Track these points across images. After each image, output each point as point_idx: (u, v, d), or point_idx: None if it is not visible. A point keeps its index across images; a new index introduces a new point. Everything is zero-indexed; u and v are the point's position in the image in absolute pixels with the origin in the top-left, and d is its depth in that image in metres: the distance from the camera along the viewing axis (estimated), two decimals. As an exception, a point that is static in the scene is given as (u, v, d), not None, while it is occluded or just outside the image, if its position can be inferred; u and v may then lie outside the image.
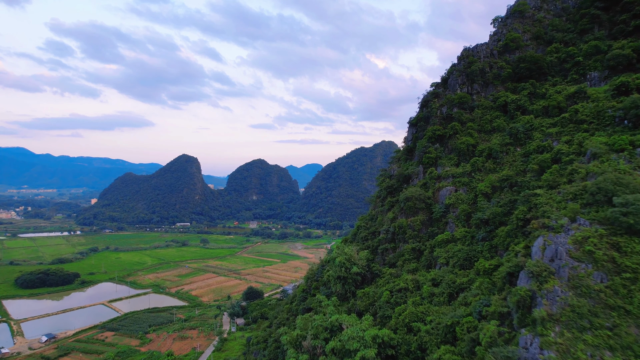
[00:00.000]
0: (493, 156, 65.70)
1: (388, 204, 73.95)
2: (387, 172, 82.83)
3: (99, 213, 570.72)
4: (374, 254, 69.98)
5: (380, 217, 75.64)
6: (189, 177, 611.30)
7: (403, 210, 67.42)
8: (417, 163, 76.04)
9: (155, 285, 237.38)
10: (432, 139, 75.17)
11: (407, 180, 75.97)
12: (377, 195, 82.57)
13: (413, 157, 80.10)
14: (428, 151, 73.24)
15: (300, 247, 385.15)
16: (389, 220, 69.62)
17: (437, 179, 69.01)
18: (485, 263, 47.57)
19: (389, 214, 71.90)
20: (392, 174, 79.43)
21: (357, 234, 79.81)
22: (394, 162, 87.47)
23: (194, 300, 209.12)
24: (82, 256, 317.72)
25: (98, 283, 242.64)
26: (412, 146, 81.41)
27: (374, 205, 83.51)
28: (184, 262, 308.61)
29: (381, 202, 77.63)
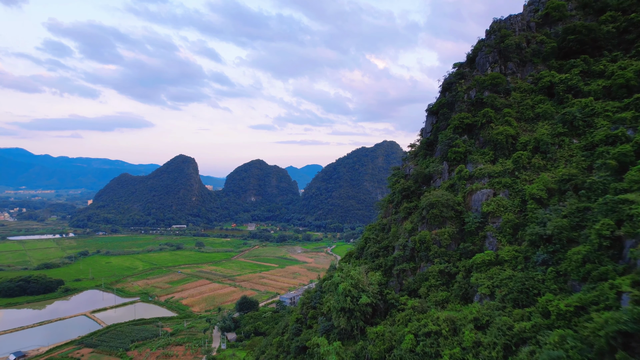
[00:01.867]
0: (542, 150, 50.82)
1: (404, 210, 59.11)
2: (401, 171, 68.11)
3: (93, 215, 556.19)
4: (387, 275, 55.17)
5: (394, 227, 60.76)
6: (185, 178, 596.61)
7: (425, 220, 52.61)
8: (440, 159, 61.23)
9: (144, 293, 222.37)
10: (458, 129, 60.33)
11: (428, 180, 61.18)
12: (388, 200, 67.82)
13: (434, 152, 65.31)
14: (455, 144, 58.40)
15: (300, 251, 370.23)
16: (407, 232, 54.79)
17: (469, 179, 54.18)
18: (557, 301, 32.63)
19: (405, 223, 57.10)
20: (408, 174, 64.63)
21: (364, 249, 64.84)
22: (409, 158, 72.56)
23: (184, 310, 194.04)
24: (70, 261, 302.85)
25: (83, 291, 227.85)
26: (432, 139, 66.66)
27: (385, 211, 68.71)
28: (177, 267, 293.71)
29: (394, 208, 62.96)
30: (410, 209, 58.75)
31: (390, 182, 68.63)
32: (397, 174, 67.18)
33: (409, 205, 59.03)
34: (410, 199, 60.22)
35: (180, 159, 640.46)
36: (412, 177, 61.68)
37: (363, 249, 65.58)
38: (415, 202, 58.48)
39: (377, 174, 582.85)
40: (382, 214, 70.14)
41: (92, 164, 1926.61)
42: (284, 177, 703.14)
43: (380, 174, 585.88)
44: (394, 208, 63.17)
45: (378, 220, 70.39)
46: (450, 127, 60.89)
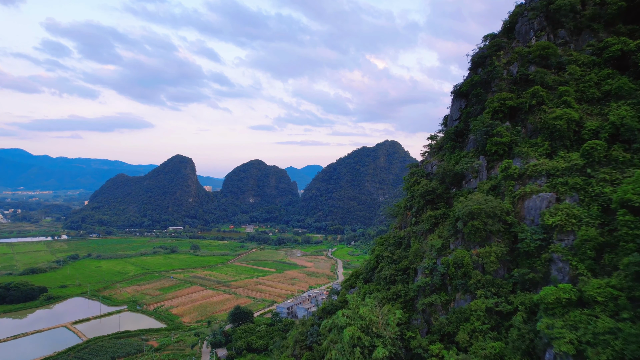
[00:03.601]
0: (623, 138, 36.95)
1: (429, 220, 45.43)
2: (421, 168, 54.33)
3: (87, 216, 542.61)
4: (407, 309, 41.45)
5: (416, 242, 47.01)
6: (182, 179, 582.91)
7: (461, 235, 38.94)
8: (475, 153, 47.58)
9: (132, 301, 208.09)
10: (498, 113, 46.57)
11: (459, 180, 47.52)
12: (404, 205, 54.00)
13: (465, 144, 51.59)
14: (495, 133, 44.51)
15: (299, 254, 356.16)
16: (434, 251, 41.00)
17: (518, 178, 40.52)
18: None
19: (431, 238, 43.43)
20: (430, 172, 50.86)
21: (376, 270, 50.85)
22: (430, 153, 58.57)
23: (173, 321, 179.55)
24: (58, 265, 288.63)
25: (68, 298, 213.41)
26: (461, 127, 52.83)
27: (401, 220, 54.87)
28: (170, 271, 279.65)
29: (414, 216, 49.26)
30: (437, 219, 45.03)
31: (406, 183, 54.89)
32: (416, 173, 53.34)
33: (434, 213, 45.31)
34: (436, 205, 46.55)
35: (177, 159, 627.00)
36: (438, 176, 47.92)
37: (374, 270, 51.67)
38: (443, 209, 44.80)
39: (378, 175, 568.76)
40: (397, 223, 56.20)
41: (91, 164, 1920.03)
42: (283, 178, 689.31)
43: (382, 174, 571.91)
44: (413, 216, 49.37)
45: (391, 231, 56.44)
46: (488, 112, 47.12)
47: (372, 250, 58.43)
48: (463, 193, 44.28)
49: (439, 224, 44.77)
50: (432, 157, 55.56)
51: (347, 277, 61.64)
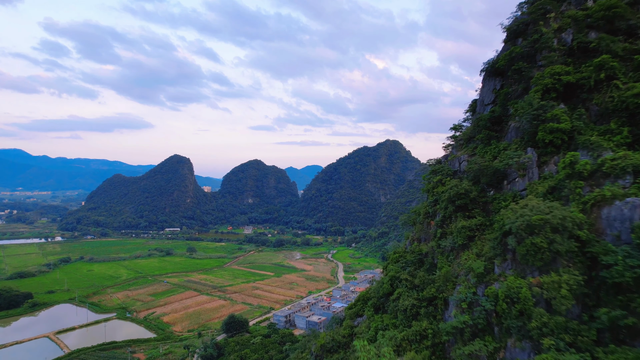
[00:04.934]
0: None
1: (461, 233, 34.70)
2: (444, 165, 43.67)
3: (83, 217, 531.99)
4: (438, 356, 30.71)
5: (444, 262, 36.24)
6: (180, 179, 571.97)
7: (510, 254, 28.14)
8: (521, 144, 36.90)
9: (122, 307, 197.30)
10: (550, 92, 35.81)
11: (499, 180, 36.93)
12: (425, 211, 43.17)
13: (504, 134, 40.85)
14: (550, 117, 33.75)
15: (298, 257, 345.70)
16: (474, 276, 30.27)
17: (588, 177, 29.72)
18: None
19: (466, 256, 32.72)
20: (458, 169, 40.25)
21: (391, 298, 39.80)
22: (457, 146, 47.61)
23: (164, 330, 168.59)
24: (48, 269, 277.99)
25: (54, 305, 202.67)
26: (498, 112, 42.06)
27: (420, 230, 44.00)
28: (164, 275, 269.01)
29: (439, 226, 38.53)
30: (473, 230, 34.22)
31: (427, 184, 44.01)
32: (440, 171, 42.48)
33: (468, 223, 34.59)
34: (470, 213, 35.72)
35: (175, 159, 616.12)
36: (469, 175, 37.14)
37: (388, 297, 40.76)
38: (479, 218, 34.13)
39: (379, 175, 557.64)
40: (415, 233, 45.33)
41: (90, 164, 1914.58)
42: (282, 178, 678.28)
43: (383, 174, 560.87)
44: (438, 226, 38.60)
45: (406, 243, 45.49)
46: (536, 91, 36.34)
47: (384, 268, 47.35)
48: (506, 197, 33.86)
49: (476, 237, 34.25)
50: (459, 151, 44.73)
51: (353, 302, 50.28)
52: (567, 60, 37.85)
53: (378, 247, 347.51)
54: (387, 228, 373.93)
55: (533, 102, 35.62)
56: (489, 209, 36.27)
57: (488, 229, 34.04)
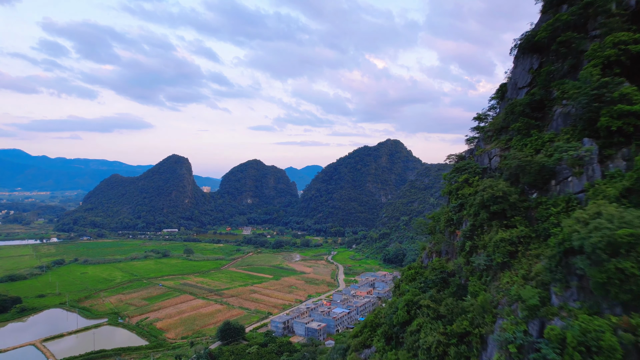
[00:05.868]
0: None
1: (501, 248, 27.15)
2: (470, 161, 36.32)
3: (80, 218, 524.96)
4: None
5: (479, 284, 28.63)
6: (178, 179, 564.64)
7: (577, 280, 20.68)
8: (572, 134, 29.52)
9: (114, 312, 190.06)
10: (613, 66, 28.47)
11: (545, 179, 29.45)
12: (446, 218, 35.67)
13: (548, 122, 33.50)
14: (617, 98, 26.42)
15: (298, 258, 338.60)
16: (525, 309, 22.77)
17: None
18: None
19: (508, 279, 25.28)
20: (489, 166, 32.90)
21: (408, 328, 31.96)
22: (484, 139, 40.03)
23: (156, 337, 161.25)
24: (40, 271, 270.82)
25: (44, 310, 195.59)
26: (539, 96, 34.70)
27: (440, 240, 36.41)
28: (160, 278, 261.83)
29: (468, 237, 31.08)
30: (514, 244, 26.77)
31: (448, 185, 36.60)
32: (465, 168, 35.05)
33: (508, 235, 27.13)
34: (509, 221, 28.31)
35: (173, 159, 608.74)
36: (506, 173, 29.76)
37: (404, 326, 33.14)
38: (523, 229, 26.63)
39: (380, 175, 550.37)
40: (435, 244, 37.78)
41: (89, 165, 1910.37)
42: (282, 178, 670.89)
43: (384, 174, 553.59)
44: (465, 238, 31.17)
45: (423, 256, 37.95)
46: (595, 65, 28.93)
47: (396, 287, 39.47)
48: (556, 201, 26.68)
49: (518, 254, 26.92)
50: (487, 144, 37.36)
51: (359, 328, 42.39)
52: (631, 27, 30.48)
53: (379, 249, 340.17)
54: (389, 229, 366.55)
55: (591, 80, 28.11)
56: (532, 217, 29.08)
57: (533, 242, 26.81)
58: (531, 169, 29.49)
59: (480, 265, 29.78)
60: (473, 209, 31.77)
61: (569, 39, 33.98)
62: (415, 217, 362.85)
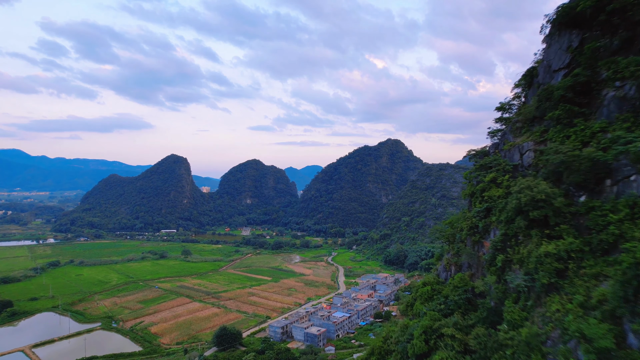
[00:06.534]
0: None
1: (543, 265, 21.68)
2: (496, 157, 30.82)
3: (77, 218, 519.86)
4: None
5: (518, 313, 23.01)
6: (176, 179, 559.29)
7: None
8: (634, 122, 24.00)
9: (108, 316, 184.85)
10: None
11: (599, 178, 23.91)
12: (468, 225, 30.00)
13: (596, 108, 28.04)
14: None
15: (297, 260, 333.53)
16: (588, 348, 17.46)
17: None
18: None
19: (558, 305, 19.85)
20: (520, 163, 27.43)
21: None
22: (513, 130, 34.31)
23: (150, 342, 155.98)
24: (35, 273, 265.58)
25: (36, 314, 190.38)
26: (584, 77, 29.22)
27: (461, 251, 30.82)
28: (156, 280, 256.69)
29: (499, 249, 25.49)
30: (562, 260, 21.34)
31: (469, 186, 31.01)
32: (493, 166, 29.48)
33: (555, 248, 21.61)
34: (553, 231, 22.86)
35: (171, 159, 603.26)
36: (545, 171, 24.38)
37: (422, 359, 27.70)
38: (572, 240, 21.14)
39: (381, 175, 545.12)
40: (454, 255, 32.26)
41: (89, 165, 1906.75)
42: (281, 178, 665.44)
43: (384, 174, 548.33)
44: (496, 250, 25.67)
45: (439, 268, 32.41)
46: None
47: (408, 306, 33.68)
48: (616, 205, 21.43)
49: (569, 273, 21.53)
50: (517, 137, 31.78)
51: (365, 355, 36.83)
52: None
53: (380, 250, 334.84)
54: (390, 230, 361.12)
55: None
56: (582, 225, 23.74)
57: (588, 259, 21.45)
58: (580, 165, 23.99)
59: (520, 287, 24.21)
60: (505, 215, 26.24)
61: (624, 6, 28.22)
62: (416, 218, 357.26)
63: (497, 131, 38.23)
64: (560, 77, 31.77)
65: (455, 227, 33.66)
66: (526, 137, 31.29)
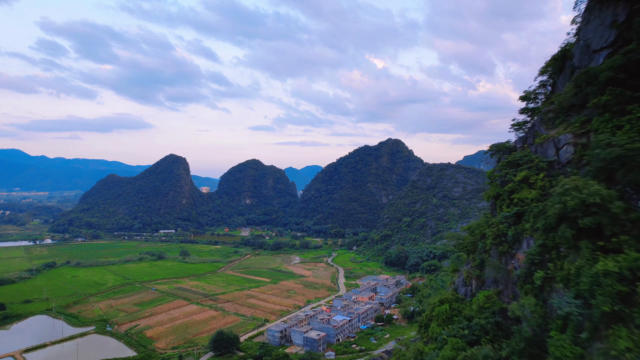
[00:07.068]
0: None
1: (603, 288, 17.16)
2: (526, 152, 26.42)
3: (75, 219, 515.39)
4: None
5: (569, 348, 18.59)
6: (175, 179, 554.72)
7: None
8: None
9: (103, 320, 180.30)
10: None
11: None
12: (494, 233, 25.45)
13: None
14: None
15: (297, 261, 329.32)
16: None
17: None
18: None
19: (627, 342, 15.40)
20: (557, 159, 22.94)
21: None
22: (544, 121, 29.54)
23: (145, 347, 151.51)
24: (30, 275, 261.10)
25: (29, 317, 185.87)
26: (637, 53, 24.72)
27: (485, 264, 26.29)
28: (153, 282, 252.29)
29: (537, 264, 20.90)
30: (626, 280, 16.89)
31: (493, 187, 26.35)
32: (524, 162, 24.96)
33: (615, 266, 17.10)
34: (609, 243, 18.38)
35: (170, 158, 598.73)
36: (591, 169, 19.99)
37: None
38: (634, 254, 16.65)
39: (381, 175, 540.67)
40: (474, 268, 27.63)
41: (89, 165, 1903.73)
42: (281, 178, 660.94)
43: (385, 174, 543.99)
44: (532, 265, 21.09)
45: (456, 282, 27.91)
46: None
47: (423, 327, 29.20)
48: None
49: (636, 297, 17.12)
50: (551, 129, 27.28)
51: None
52: None
53: (381, 251, 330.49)
54: (390, 230, 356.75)
55: None
56: (641, 234, 19.27)
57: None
58: (642, 161, 19.46)
59: (572, 315, 19.55)
60: (543, 222, 21.60)
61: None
62: (417, 218, 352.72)
63: (523, 123, 33.46)
64: (602, 58, 27.22)
65: (475, 234, 29.14)
66: (562, 128, 26.63)
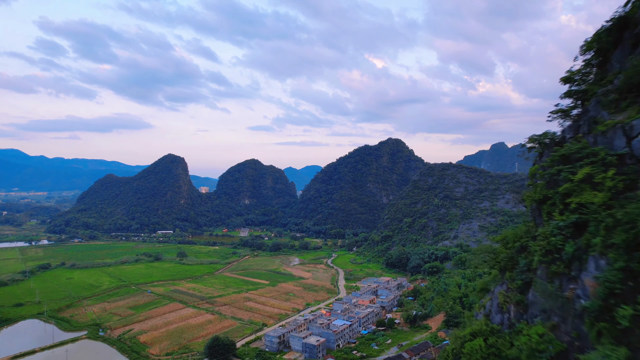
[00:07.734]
0: None
1: None
2: (584, 144, 21.15)
3: (72, 219, 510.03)
4: None
5: None
6: (173, 179, 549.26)
7: None
8: None
9: (96, 324, 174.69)
10: None
11: None
12: (543, 249, 19.88)
13: None
14: None
15: (296, 262, 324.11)
16: None
17: None
18: None
19: None
20: (632, 151, 17.80)
21: None
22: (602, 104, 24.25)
23: (139, 353, 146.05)
24: (23, 276, 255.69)
25: (19, 321, 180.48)
26: None
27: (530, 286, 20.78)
28: (149, 284, 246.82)
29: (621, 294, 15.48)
30: None
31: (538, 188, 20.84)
32: (584, 156, 19.65)
33: None
34: None
35: (168, 158, 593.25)
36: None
37: None
38: None
39: (381, 175, 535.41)
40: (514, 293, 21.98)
41: (88, 165, 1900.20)
42: (280, 178, 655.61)
43: (385, 174, 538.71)
44: (611, 294, 15.53)
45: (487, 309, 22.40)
46: None
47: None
48: None
49: None
50: (617, 114, 21.76)
51: None
52: None
53: (381, 252, 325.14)
54: (391, 231, 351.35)
55: None
56: None
57: None
58: None
59: None
60: (623, 236, 16.11)
61: None
62: (418, 219, 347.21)
63: (571, 108, 27.55)
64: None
65: (512, 247, 23.31)
66: (634, 111, 21.29)
